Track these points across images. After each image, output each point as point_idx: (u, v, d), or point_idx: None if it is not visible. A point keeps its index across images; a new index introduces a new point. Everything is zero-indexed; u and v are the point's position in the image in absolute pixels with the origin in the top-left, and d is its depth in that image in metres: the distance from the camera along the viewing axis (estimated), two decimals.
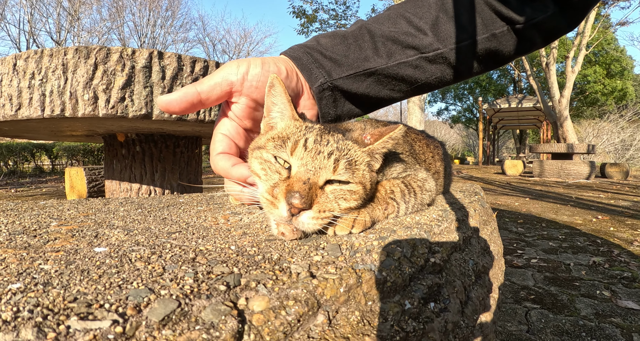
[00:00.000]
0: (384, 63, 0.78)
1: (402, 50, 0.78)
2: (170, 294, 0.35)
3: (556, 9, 0.76)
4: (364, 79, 0.79)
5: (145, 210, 0.84)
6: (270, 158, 0.62)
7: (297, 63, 0.76)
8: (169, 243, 0.53)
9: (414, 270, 0.53)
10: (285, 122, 0.68)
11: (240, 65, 0.69)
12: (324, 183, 0.60)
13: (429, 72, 0.81)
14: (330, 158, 0.60)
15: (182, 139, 2.63)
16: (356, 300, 0.42)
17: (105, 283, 0.38)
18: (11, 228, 0.66)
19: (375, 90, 0.82)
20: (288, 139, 0.62)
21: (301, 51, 0.77)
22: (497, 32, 0.78)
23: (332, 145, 0.62)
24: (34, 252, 0.51)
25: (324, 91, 0.78)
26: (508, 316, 1.87)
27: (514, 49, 0.81)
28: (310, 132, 0.64)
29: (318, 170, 0.59)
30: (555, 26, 0.79)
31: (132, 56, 1.74)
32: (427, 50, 0.78)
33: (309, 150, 0.60)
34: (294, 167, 0.60)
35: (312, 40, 0.81)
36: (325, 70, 0.77)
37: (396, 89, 0.83)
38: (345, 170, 0.61)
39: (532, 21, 0.76)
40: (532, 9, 0.76)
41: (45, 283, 0.39)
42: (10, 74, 1.81)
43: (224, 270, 0.41)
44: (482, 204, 1.08)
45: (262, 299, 0.36)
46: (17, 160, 13.37)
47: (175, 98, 0.67)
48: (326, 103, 0.79)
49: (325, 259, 0.47)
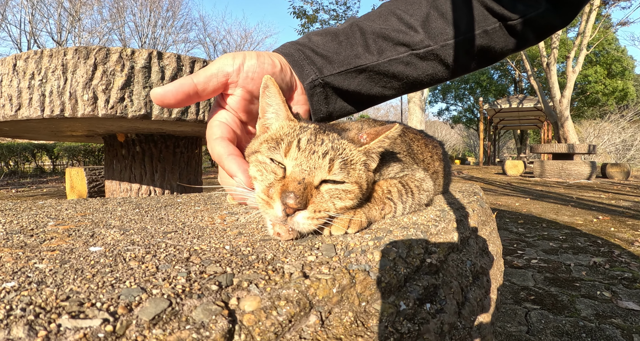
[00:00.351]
0: (374, 60, 0.79)
1: (392, 47, 0.79)
2: (162, 293, 0.35)
3: (548, 5, 0.76)
4: (355, 76, 0.80)
5: (142, 210, 0.84)
6: (266, 160, 0.62)
7: (289, 59, 0.76)
8: (164, 242, 0.53)
9: (409, 270, 0.52)
10: (280, 123, 0.68)
11: (236, 56, 0.69)
12: (320, 183, 0.60)
13: (421, 68, 0.81)
14: (325, 158, 0.60)
15: (182, 139, 2.63)
16: (350, 301, 0.42)
17: (98, 282, 0.38)
18: (9, 228, 0.66)
19: (366, 87, 0.82)
20: (282, 140, 0.62)
21: (293, 48, 0.78)
22: (489, 28, 0.78)
23: (327, 145, 0.61)
24: (30, 251, 0.51)
25: (315, 87, 0.78)
26: (508, 317, 1.87)
27: (507, 45, 0.81)
28: (304, 132, 0.63)
29: (313, 169, 0.59)
30: (548, 22, 0.79)
31: (132, 56, 1.75)
32: (417, 47, 0.78)
33: (302, 150, 0.60)
34: (289, 168, 0.60)
35: (304, 38, 0.81)
36: (317, 67, 0.77)
37: (388, 86, 0.83)
38: (341, 170, 0.61)
39: (525, 18, 0.76)
40: (524, 6, 0.76)
41: (39, 281, 0.39)
42: (10, 74, 1.82)
43: (216, 270, 0.41)
44: (481, 204, 1.08)
45: (253, 299, 0.36)
46: (18, 160, 13.39)
47: (171, 90, 0.66)
48: (317, 99, 0.79)
49: (319, 259, 0.47)
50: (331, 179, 0.60)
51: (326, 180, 0.60)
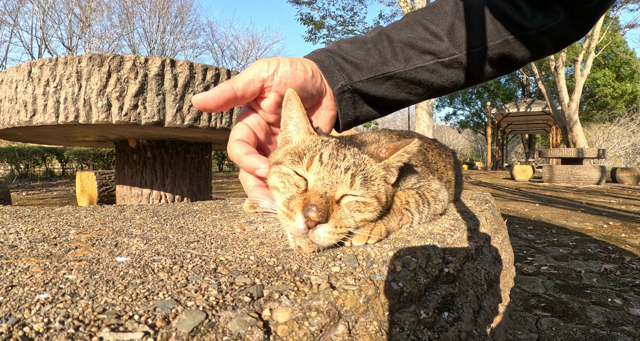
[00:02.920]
0: (402, 67, 0.82)
1: (419, 55, 0.82)
2: (196, 305, 0.36)
3: (567, 15, 0.78)
4: (383, 82, 0.83)
5: (160, 218, 0.85)
6: (289, 171, 0.63)
7: (319, 65, 0.80)
8: (189, 253, 0.55)
9: (429, 280, 0.53)
10: (301, 136, 0.69)
11: (270, 62, 0.72)
12: (340, 197, 0.61)
13: (445, 76, 0.85)
14: (347, 173, 0.61)
15: (192, 145, 2.66)
16: (374, 310, 0.43)
17: (131, 293, 0.39)
18: (31, 236, 0.66)
19: (393, 93, 0.85)
20: (304, 155, 0.63)
21: (323, 54, 0.82)
22: (510, 38, 0.81)
23: (349, 160, 0.62)
24: (57, 261, 0.51)
25: (344, 93, 0.81)
26: (518, 324, 1.86)
27: (526, 54, 0.84)
28: (326, 146, 0.65)
29: (335, 184, 0.60)
30: (565, 33, 0.82)
31: (145, 64, 1.78)
32: (443, 56, 0.82)
33: (325, 165, 0.61)
34: (311, 181, 0.61)
35: (333, 45, 0.85)
36: (346, 73, 0.81)
37: (413, 92, 0.87)
38: (361, 185, 0.61)
39: (544, 28, 0.79)
40: (544, 16, 0.78)
41: (72, 293, 0.39)
42: (25, 81, 1.85)
43: (246, 281, 0.42)
44: (492, 212, 1.08)
45: (285, 310, 0.37)
46: (28, 163, 13.56)
47: (212, 96, 0.69)
48: (346, 104, 0.83)
49: (343, 270, 0.48)
50: (351, 194, 0.61)
51: (346, 194, 0.61)
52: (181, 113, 1.83)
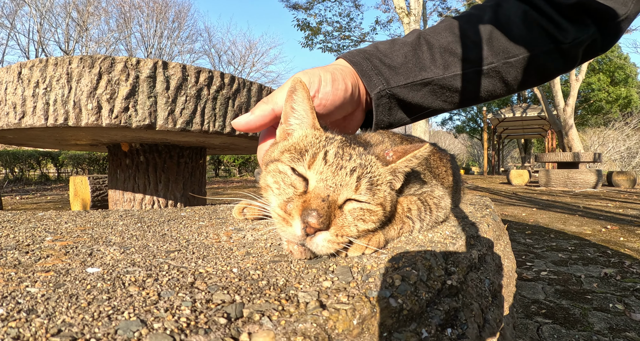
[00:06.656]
0: (440, 74, 0.80)
1: (458, 62, 0.80)
2: (164, 328, 0.31)
3: (595, 28, 0.80)
4: (420, 89, 0.81)
5: (145, 224, 0.80)
6: (287, 170, 0.57)
7: (357, 68, 0.78)
8: (167, 263, 0.50)
9: (431, 294, 0.49)
10: (304, 131, 0.63)
11: (312, 81, 0.69)
12: (343, 202, 0.55)
13: (482, 85, 0.83)
14: (353, 175, 0.55)
15: (186, 149, 2.61)
16: (370, 332, 0.38)
17: (94, 312, 0.35)
18: (4, 242, 0.63)
19: (429, 100, 0.84)
20: (306, 151, 0.57)
21: (361, 56, 0.80)
22: (545, 49, 0.81)
23: (355, 161, 0.57)
24: (23, 272, 0.47)
25: (381, 98, 0.80)
26: (519, 332, 1.81)
27: (560, 65, 0.84)
28: (331, 143, 0.59)
29: (339, 187, 0.54)
30: (594, 46, 0.83)
31: (137, 66, 1.73)
32: (481, 64, 0.81)
33: (329, 164, 0.55)
34: (312, 182, 0.55)
35: (371, 46, 0.83)
36: (384, 78, 0.79)
37: (448, 101, 0.85)
38: (367, 190, 0.56)
39: (576, 40, 0.80)
40: (577, 30, 0.79)
41: (29, 310, 0.36)
42: (14, 82, 1.80)
43: (224, 298, 0.38)
44: (494, 218, 1.04)
45: (266, 335, 0.32)
46: (23, 167, 13.44)
47: (253, 119, 0.69)
48: (382, 110, 0.81)
49: (335, 285, 0.43)
50: (356, 198, 0.56)
51: (350, 199, 0.56)
52: (173, 116, 1.78)
